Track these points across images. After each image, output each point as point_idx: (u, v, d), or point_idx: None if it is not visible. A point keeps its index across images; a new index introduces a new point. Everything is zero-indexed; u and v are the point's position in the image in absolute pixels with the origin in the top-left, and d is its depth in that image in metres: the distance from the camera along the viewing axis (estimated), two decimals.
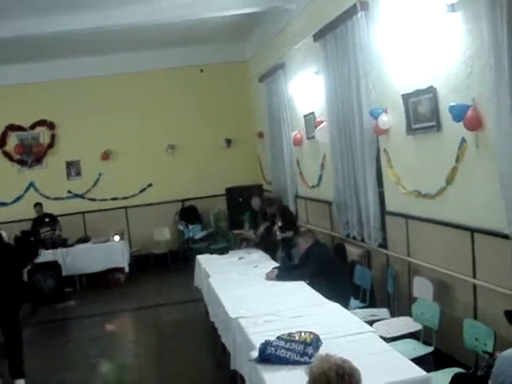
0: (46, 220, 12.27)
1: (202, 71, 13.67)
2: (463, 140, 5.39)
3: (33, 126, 13.28)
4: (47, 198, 13.04)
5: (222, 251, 9.56)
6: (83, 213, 13.40)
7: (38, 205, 12.46)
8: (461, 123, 5.21)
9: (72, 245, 11.92)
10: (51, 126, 13.28)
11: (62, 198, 13.31)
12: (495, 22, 4.54)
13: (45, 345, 8.60)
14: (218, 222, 13.74)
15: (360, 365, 2.96)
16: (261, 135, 13.27)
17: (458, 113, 5.21)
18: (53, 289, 10.90)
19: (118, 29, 9.81)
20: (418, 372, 4.08)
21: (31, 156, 13.29)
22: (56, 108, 13.13)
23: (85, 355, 7.97)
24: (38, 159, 13.32)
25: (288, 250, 8.98)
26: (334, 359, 2.75)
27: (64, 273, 11.27)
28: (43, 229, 12.04)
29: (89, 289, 11.79)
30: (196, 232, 13.44)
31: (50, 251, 11.43)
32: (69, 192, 13.43)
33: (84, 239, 12.40)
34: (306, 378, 2.77)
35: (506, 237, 4.84)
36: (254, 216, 9.77)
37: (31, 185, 13.26)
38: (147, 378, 6.99)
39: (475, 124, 5.11)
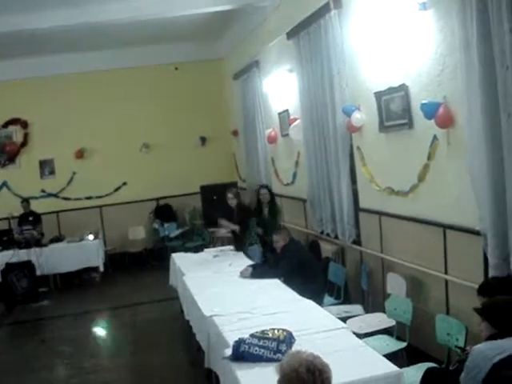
0: (30, 218, 12.12)
1: (176, 69, 13.61)
2: (435, 137, 5.45)
3: (5, 125, 13.13)
4: (20, 197, 12.86)
5: (197, 249, 9.54)
6: (57, 212, 13.27)
7: (24, 201, 12.34)
8: (432, 121, 5.26)
9: (46, 244, 11.78)
10: (24, 124, 13.13)
11: (36, 198, 13.12)
12: (465, 20, 4.59)
13: (19, 345, 8.52)
14: (193, 219, 13.70)
15: (333, 361, 2.97)
16: (235, 133, 13.28)
17: (430, 110, 5.26)
18: (27, 289, 10.75)
19: (91, 26, 9.74)
20: (391, 367, 4.12)
21: (4, 155, 13.14)
22: (29, 106, 12.97)
23: (59, 355, 7.89)
24: (11, 158, 13.16)
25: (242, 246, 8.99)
26: (305, 355, 2.74)
27: (38, 272, 11.09)
28: (25, 227, 11.88)
29: (63, 288, 11.67)
30: (171, 230, 13.40)
31: (24, 251, 11.29)
32: (42, 191, 13.29)
33: (58, 238, 12.25)
34: (276, 376, 2.77)
35: (477, 233, 4.89)
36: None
37: (4, 184, 13.11)
38: (123, 377, 6.96)
39: (446, 121, 5.16)
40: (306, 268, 6.88)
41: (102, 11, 9.16)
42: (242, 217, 9.00)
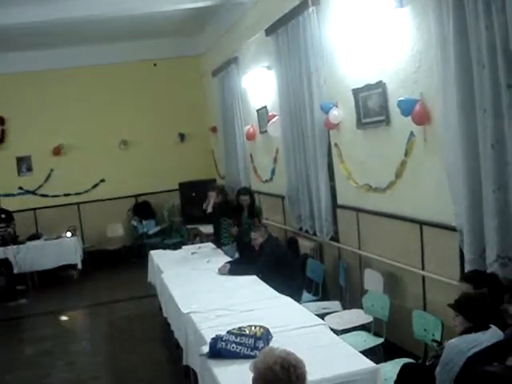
0: (2, 216, 11.97)
1: (155, 65, 13.57)
2: (412, 134, 5.47)
3: None
4: None
5: (176, 246, 9.51)
6: (34, 209, 13.16)
7: None
8: (409, 117, 5.28)
9: (23, 242, 11.67)
10: (1, 120, 12.99)
11: (13, 195, 13.01)
12: (442, 17, 4.62)
13: None
14: (172, 216, 13.67)
15: (310, 357, 2.98)
16: (214, 130, 13.25)
17: (407, 107, 5.28)
18: (4, 287, 10.65)
19: (68, 22, 9.61)
20: (367, 363, 4.14)
21: None
22: (6, 102, 12.81)
23: (37, 354, 7.84)
24: None
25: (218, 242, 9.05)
26: (278, 352, 2.74)
27: (15, 270, 11.02)
28: None
29: (41, 286, 11.57)
30: (150, 227, 13.35)
31: (1, 249, 11.19)
32: (20, 188, 13.16)
33: (36, 236, 12.17)
34: (251, 375, 2.75)
35: (453, 229, 4.93)
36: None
37: None
38: (102, 375, 6.92)
39: (423, 118, 5.19)
40: (284, 265, 6.88)
41: (76, 7, 9.06)
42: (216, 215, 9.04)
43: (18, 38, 11.00)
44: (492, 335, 3.70)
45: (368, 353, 4.84)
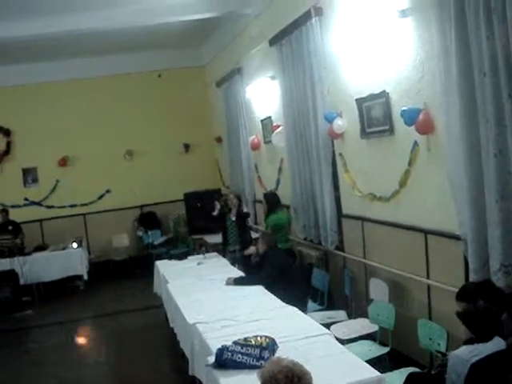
0: (9, 228, 11.99)
1: (159, 76, 13.63)
2: (415, 143, 5.49)
3: None
4: (3, 205, 12.77)
5: (181, 256, 9.52)
6: (41, 220, 13.22)
7: (3, 211, 12.16)
8: (413, 127, 5.30)
9: (29, 253, 11.71)
10: (7, 132, 13.06)
11: (19, 206, 13.07)
12: (444, 28, 4.64)
13: (2, 355, 8.45)
14: (178, 227, 13.69)
15: (315, 367, 2.99)
16: (219, 140, 13.29)
17: (410, 117, 5.30)
18: (9, 298, 10.68)
19: (72, 35, 9.69)
20: (372, 373, 4.14)
21: None
22: (12, 114, 12.90)
23: (43, 365, 7.85)
24: None
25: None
26: (285, 362, 2.76)
27: (21, 282, 11.05)
28: (3, 236, 11.76)
29: (47, 297, 11.59)
30: (155, 237, 13.37)
31: (7, 260, 11.22)
32: (25, 199, 13.22)
33: (42, 247, 12.21)
34: (258, 383, 2.79)
35: (457, 238, 4.93)
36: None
37: None
38: None
39: (426, 128, 5.20)
40: (287, 274, 6.89)
41: (82, 20, 9.15)
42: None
43: (24, 51, 11.07)
44: (494, 344, 3.71)
45: (374, 362, 4.84)
